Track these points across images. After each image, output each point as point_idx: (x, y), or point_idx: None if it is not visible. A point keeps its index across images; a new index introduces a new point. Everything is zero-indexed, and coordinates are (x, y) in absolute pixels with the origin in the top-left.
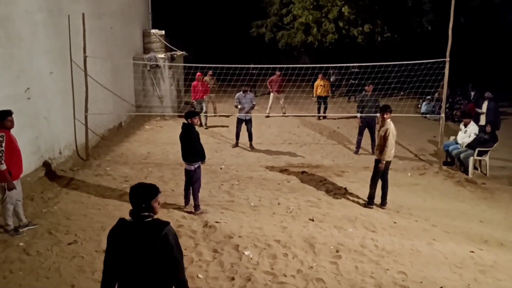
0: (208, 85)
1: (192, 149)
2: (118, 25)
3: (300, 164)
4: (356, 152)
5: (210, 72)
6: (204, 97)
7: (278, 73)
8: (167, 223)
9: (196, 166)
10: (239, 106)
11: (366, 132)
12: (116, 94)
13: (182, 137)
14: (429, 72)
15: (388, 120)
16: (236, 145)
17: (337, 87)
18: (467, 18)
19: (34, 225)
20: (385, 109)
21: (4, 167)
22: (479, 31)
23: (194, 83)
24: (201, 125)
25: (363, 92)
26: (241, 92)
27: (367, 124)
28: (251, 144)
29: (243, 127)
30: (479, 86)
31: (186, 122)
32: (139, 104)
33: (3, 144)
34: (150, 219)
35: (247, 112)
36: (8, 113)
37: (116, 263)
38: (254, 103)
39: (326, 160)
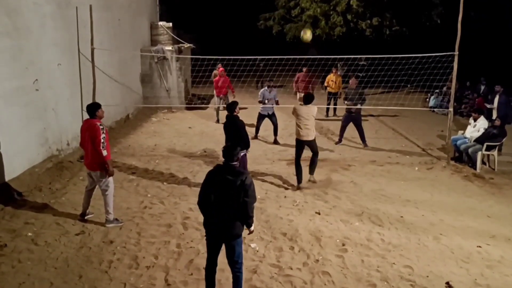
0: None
1: (237, 137)
2: (126, 17)
3: (307, 157)
4: (338, 142)
5: (220, 65)
6: (227, 92)
7: (305, 69)
8: (247, 172)
9: (242, 153)
10: (266, 101)
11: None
12: (124, 86)
13: (226, 127)
14: (438, 66)
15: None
16: (256, 137)
17: (345, 78)
18: (476, 11)
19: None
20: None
21: (105, 152)
22: (489, 25)
23: (216, 78)
24: (218, 121)
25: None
26: (266, 88)
27: (351, 117)
28: (276, 139)
29: (266, 122)
30: (491, 80)
31: (228, 114)
32: (146, 96)
33: (105, 131)
34: (235, 165)
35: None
36: (99, 105)
37: (208, 193)
38: (277, 99)
39: (332, 154)
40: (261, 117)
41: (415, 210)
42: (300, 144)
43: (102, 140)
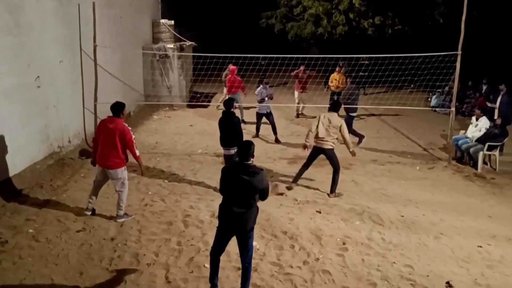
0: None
1: (233, 134)
2: (128, 15)
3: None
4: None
5: (230, 65)
6: (238, 91)
7: (302, 68)
8: (262, 169)
9: (235, 150)
10: (266, 98)
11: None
12: (125, 83)
13: (222, 123)
14: (440, 65)
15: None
16: (257, 136)
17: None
18: (479, 11)
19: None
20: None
21: (138, 152)
22: (492, 24)
23: (229, 77)
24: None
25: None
26: (261, 87)
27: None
28: (276, 138)
29: (264, 120)
30: (493, 80)
31: (226, 110)
32: (148, 94)
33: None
34: (251, 163)
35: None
36: (124, 104)
37: (226, 187)
38: (272, 95)
39: None
40: (260, 116)
41: (416, 209)
42: (314, 150)
43: (134, 141)
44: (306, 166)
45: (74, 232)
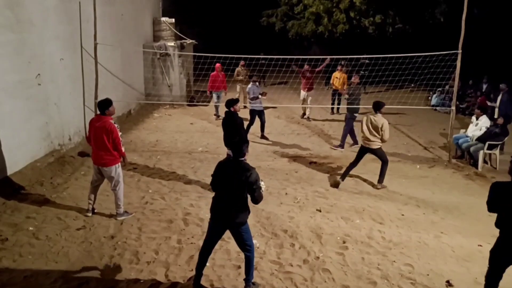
0: (239, 76)
1: (236, 134)
2: (129, 13)
3: (309, 154)
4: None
5: (242, 62)
6: (221, 89)
7: (307, 66)
8: (253, 168)
9: None
10: (260, 96)
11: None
12: (126, 81)
13: (225, 123)
14: (441, 64)
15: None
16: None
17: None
18: (480, 9)
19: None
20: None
21: (124, 148)
22: (493, 23)
23: (213, 73)
24: (217, 116)
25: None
26: (251, 84)
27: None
28: (263, 135)
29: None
30: (494, 78)
31: (228, 110)
32: (148, 92)
33: (119, 129)
34: (243, 159)
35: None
36: (111, 102)
37: (218, 183)
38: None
39: (334, 151)
40: (254, 113)
41: (416, 208)
42: (362, 149)
43: (121, 139)
44: (354, 163)
45: (74, 230)
